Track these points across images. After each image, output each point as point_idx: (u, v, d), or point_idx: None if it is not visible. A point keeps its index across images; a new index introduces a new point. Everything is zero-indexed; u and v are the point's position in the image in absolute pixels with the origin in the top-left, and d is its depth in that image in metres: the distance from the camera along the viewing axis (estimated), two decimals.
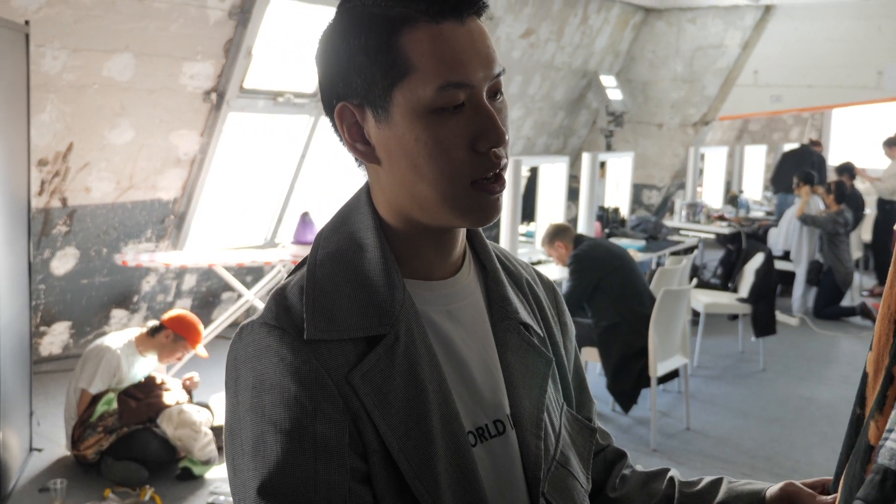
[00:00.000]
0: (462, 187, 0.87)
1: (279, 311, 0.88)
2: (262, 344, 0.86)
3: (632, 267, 4.48)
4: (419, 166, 0.87)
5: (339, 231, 0.94)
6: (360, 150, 0.91)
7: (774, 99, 9.83)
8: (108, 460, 3.68)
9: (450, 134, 0.86)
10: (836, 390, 5.33)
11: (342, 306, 0.88)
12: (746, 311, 5.72)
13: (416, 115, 0.86)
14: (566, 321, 1.11)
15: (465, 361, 0.93)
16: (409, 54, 0.85)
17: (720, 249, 8.23)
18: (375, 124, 0.88)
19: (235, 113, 5.28)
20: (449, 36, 0.86)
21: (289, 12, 5.28)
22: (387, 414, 0.85)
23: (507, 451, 0.94)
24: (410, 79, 0.85)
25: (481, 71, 0.87)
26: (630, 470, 1.14)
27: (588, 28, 8.17)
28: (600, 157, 6.16)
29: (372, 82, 0.86)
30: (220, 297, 6.05)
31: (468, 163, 0.87)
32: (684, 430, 4.52)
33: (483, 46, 0.88)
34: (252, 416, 0.84)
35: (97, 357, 3.78)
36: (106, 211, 5.02)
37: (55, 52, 4.25)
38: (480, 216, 0.89)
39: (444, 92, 0.85)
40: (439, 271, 0.95)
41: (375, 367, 0.86)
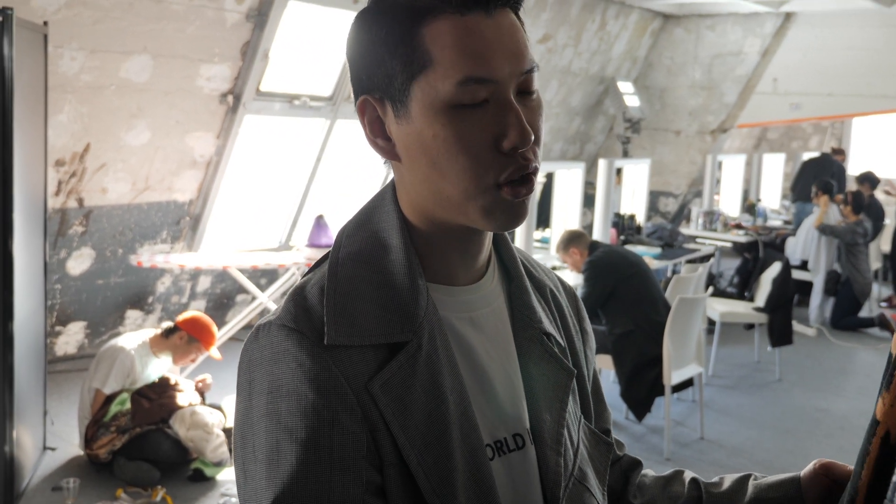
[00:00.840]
0: (486, 188, 0.83)
1: (298, 312, 0.84)
2: (280, 347, 0.82)
3: (647, 274, 4.45)
4: (440, 164, 0.83)
5: (363, 229, 0.90)
6: (381, 147, 0.88)
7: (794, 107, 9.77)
8: (121, 460, 3.69)
9: (472, 131, 0.82)
10: (852, 402, 5.26)
11: (364, 310, 0.84)
12: (763, 321, 5.67)
13: (434, 111, 0.82)
14: (587, 329, 1.07)
15: (486, 371, 0.90)
16: (429, 46, 0.82)
17: (737, 258, 8.18)
18: (395, 119, 0.85)
19: (251, 115, 5.30)
20: (473, 28, 0.82)
21: (305, 15, 5.29)
22: (406, 426, 0.82)
23: (526, 467, 0.90)
24: (430, 72, 0.82)
25: (507, 66, 0.82)
26: (645, 476, 1.12)
27: (606, 34, 8.15)
28: (617, 163, 6.13)
29: (392, 75, 0.83)
30: (235, 299, 6.06)
31: (493, 163, 0.83)
32: (698, 439, 4.48)
33: (511, 41, 0.83)
34: (267, 422, 0.81)
35: (111, 357, 3.79)
36: (122, 212, 5.04)
37: (73, 53, 4.27)
38: (504, 219, 0.85)
39: (465, 87, 0.81)
40: (463, 276, 0.92)
41: (396, 375, 0.83)
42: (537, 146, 0.86)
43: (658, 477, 1.11)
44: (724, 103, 8.95)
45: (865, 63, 8.91)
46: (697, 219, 7.70)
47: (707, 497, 1.05)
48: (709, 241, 7.32)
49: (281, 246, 6.10)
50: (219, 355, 4.12)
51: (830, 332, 6.95)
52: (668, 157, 9.39)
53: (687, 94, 9.10)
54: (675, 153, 9.36)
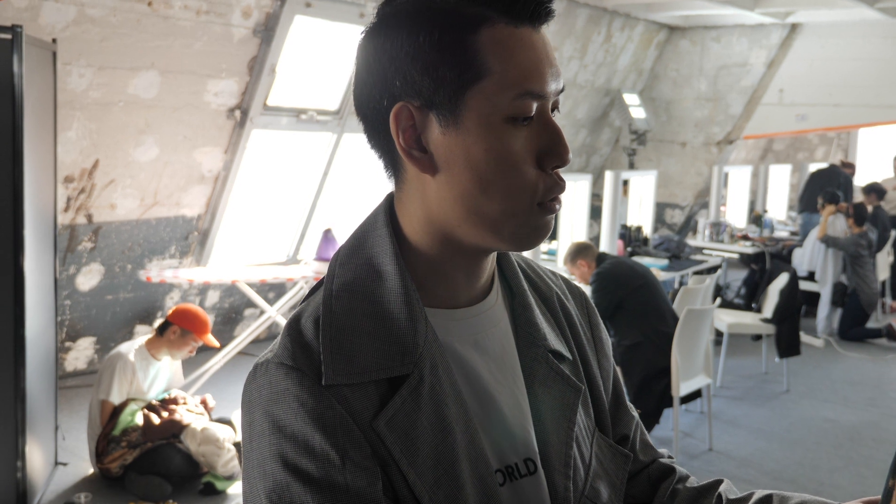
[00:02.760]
0: (529, 206, 0.82)
1: (295, 349, 0.81)
2: (280, 387, 0.79)
3: (655, 286, 4.44)
4: (486, 180, 0.80)
5: (356, 256, 0.86)
6: (416, 158, 0.82)
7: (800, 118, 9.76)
8: (132, 475, 3.70)
9: (519, 148, 0.80)
10: (860, 413, 5.24)
11: (361, 345, 0.81)
12: (770, 332, 5.66)
13: (488, 123, 0.79)
14: (600, 335, 1.03)
15: (492, 397, 0.87)
16: (487, 56, 0.79)
17: (744, 269, 8.16)
18: (441, 129, 0.80)
19: (259, 130, 5.33)
20: (527, 42, 0.80)
21: (312, 30, 5.33)
22: (415, 462, 0.79)
23: (538, 492, 0.88)
24: (486, 82, 0.79)
25: (553, 83, 0.82)
26: (682, 484, 1.05)
27: (611, 46, 8.18)
28: (623, 175, 6.14)
29: (442, 83, 0.79)
30: (243, 313, 6.08)
31: (536, 182, 0.81)
32: (707, 450, 4.46)
33: (553, 57, 0.83)
34: (273, 465, 0.78)
35: (111, 366, 3.84)
36: (130, 227, 5.07)
37: (81, 69, 4.31)
38: (533, 239, 0.84)
39: (521, 101, 0.79)
40: (465, 297, 0.88)
41: (400, 411, 0.80)
42: None
43: (692, 488, 1.04)
44: (729, 115, 8.96)
45: (872, 74, 8.90)
46: (704, 230, 7.69)
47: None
48: (716, 253, 7.31)
49: (289, 260, 6.12)
50: (216, 342, 4.14)
51: (838, 342, 6.92)
52: (675, 168, 9.39)
53: (693, 106, 9.11)
54: (682, 165, 9.36)
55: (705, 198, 9.26)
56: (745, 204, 8.64)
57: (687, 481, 1.06)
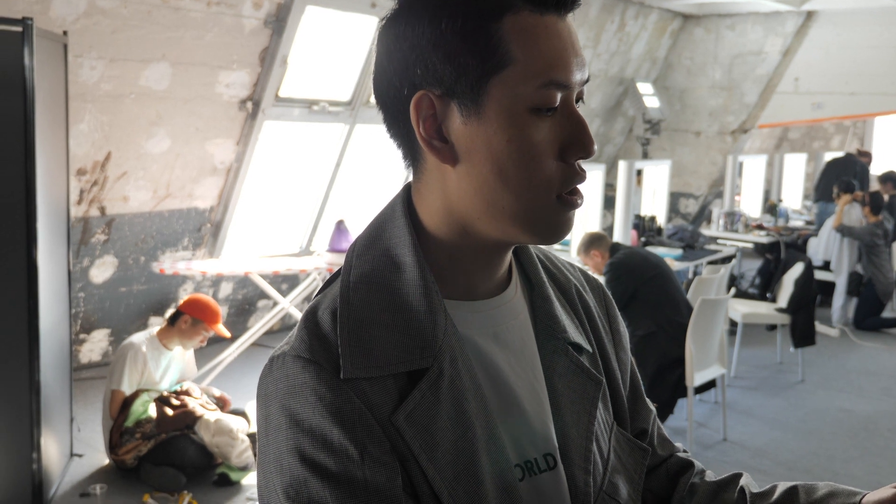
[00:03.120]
0: (549, 200, 0.80)
1: (312, 341, 0.79)
2: (297, 380, 0.77)
3: (669, 276, 4.42)
4: (506, 172, 0.78)
5: (374, 247, 0.85)
6: (437, 148, 0.80)
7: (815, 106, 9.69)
8: (147, 466, 3.72)
9: (541, 139, 0.79)
10: (876, 403, 5.20)
11: (380, 338, 0.80)
12: (785, 322, 5.62)
13: (511, 113, 0.78)
14: (619, 328, 1.02)
15: (513, 390, 0.86)
16: (510, 44, 0.77)
17: (758, 259, 8.11)
18: (462, 119, 0.79)
19: (271, 121, 5.32)
20: (552, 30, 0.78)
21: (324, 20, 5.31)
22: (434, 457, 0.78)
23: (557, 487, 0.86)
24: (509, 71, 0.77)
25: (578, 73, 0.80)
26: (700, 478, 1.03)
27: (625, 35, 8.12)
28: (637, 164, 6.10)
29: (464, 72, 0.77)
30: (256, 304, 6.09)
31: (557, 174, 0.80)
32: (721, 440, 4.44)
33: (579, 47, 0.80)
34: (290, 459, 0.76)
35: (122, 356, 3.86)
36: (143, 220, 5.08)
37: (93, 62, 4.32)
38: (556, 232, 0.82)
39: (545, 91, 0.78)
40: (484, 289, 0.87)
41: (420, 405, 0.78)
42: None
43: (711, 482, 1.03)
44: (744, 103, 8.88)
45: (888, 61, 8.81)
46: (718, 220, 7.65)
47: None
48: (730, 243, 7.26)
49: (302, 251, 6.12)
50: (227, 333, 4.16)
51: (854, 332, 6.87)
52: (689, 158, 9.33)
53: (707, 95, 9.04)
54: (696, 154, 9.30)
55: (720, 187, 9.19)
56: (759, 193, 8.58)
57: (705, 475, 1.04)
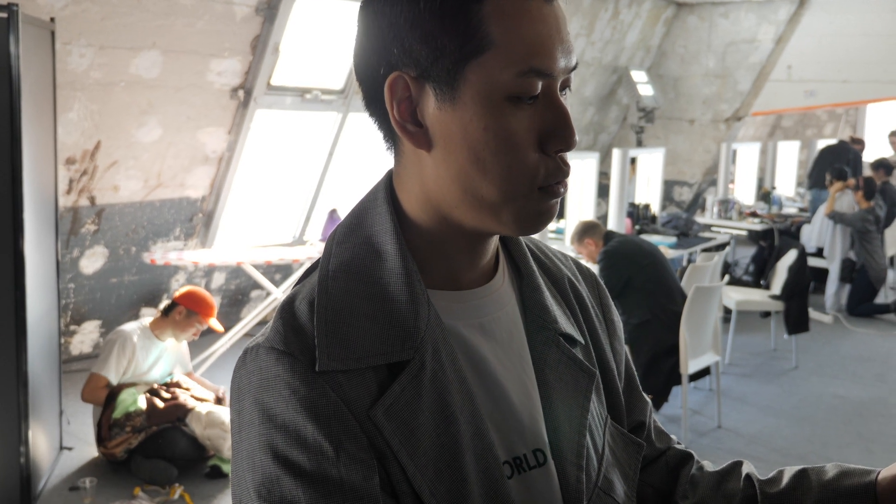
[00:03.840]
0: (528, 191, 0.76)
1: (288, 332, 0.76)
2: (270, 373, 0.74)
3: (663, 264, 4.41)
4: (483, 160, 0.75)
5: (354, 234, 0.82)
6: (410, 132, 0.77)
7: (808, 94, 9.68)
8: (138, 459, 3.70)
9: (521, 128, 0.75)
10: (869, 389, 5.21)
11: (359, 329, 0.76)
12: (779, 309, 5.62)
13: (487, 100, 0.74)
14: (612, 318, 0.99)
15: (500, 383, 0.82)
16: (490, 27, 0.73)
17: (752, 246, 8.11)
18: (437, 103, 0.76)
19: (263, 110, 5.28)
20: (536, 15, 0.74)
21: (316, 8, 5.27)
22: (414, 453, 0.75)
23: (548, 484, 0.83)
24: (488, 56, 0.74)
25: (563, 60, 0.76)
26: (699, 470, 1.01)
27: (619, 23, 8.08)
28: (631, 153, 6.09)
29: (441, 54, 0.74)
30: (249, 295, 6.06)
31: (537, 165, 0.76)
32: (716, 428, 4.44)
33: (566, 33, 0.77)
34: (262, 456, 0.73)
35: (112, 342, 3.84)
36: (134, 209, 5.04)
37: (82, 49, 4.27)
38: (536, 223, 0.79)
39: (525, 79, 0.74)
40: (469, 278, 0.84)
41: (400, 399, 0.75)
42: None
43: (713, 473, 1.00)
44: (738, 91, 8.87)
45: (881, 49, 8.81)
46: (712, 207, 7.64)
47: (762, 498, 0.95)
48: (724, 230, 7.26)
49: (295, 241, 6.09)
50: (220, 327, 4.15)
51: (847, 318, 6.89)
52: (683, 146, 9.32)
53: (701, 83, 9.02)
54: (690, 142, 9.29)
55: (713, 175, 9.19)
56: (753, 181, 8.59)
57: (704, 467, 1.02)
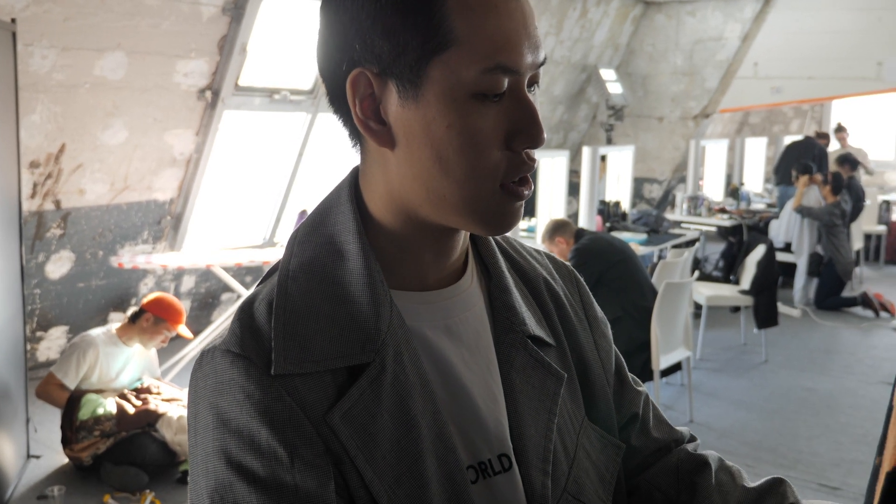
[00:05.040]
0: (491, 190, 0.75)
1: (244, 335, 0.74)
2: (225, 376, 0.73)
3: (633, 260, 4.43)
4: (446, 159, 0.73)
5: (316, 234, 0.80)
6: (373, 130, 0.76)
7: (774, 91, 9.80)
8: (107, 465, 3.64)
9: (486, 126, 0.73)
10: (837, 380, 5.28)
11: (318, 330, 0.74)
12: (748, 304, 5.68)
13: (451, 98, 0.72)
14: (595, 314, 0.97)
15: (465, 387, 0.80)
16: (454, 23, 0.71)
17: (721, 242, 8.19)
18: (399, 101, 0.74)
19: (231, 111, 5.24)
20: (502, 9, 0.72)
21: (283, 8, 5.23)
22: (372, 459, 0.73)
23: (513, 490, 0.81)
24: (452, 53, 0.72)
25: (530, 56, 0.74)
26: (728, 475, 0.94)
27: (587, 21, 8.12)
28: (601, 151, 6.12)
29: (403, 50, 0.72)
30: (220, 297, 6.01)
31: (501, 163, 0.74)
32: (688, 422, 4.47)
33: (533, 28, 0.75)
34: (216, 461, 0.72)
35: (75, 346, 3.80)
36: (101, 213, 4.97)
37: (44, 51, 4.20)
38: (502, 223, 0.77)
39: (490, 76, 0.72)
40: (435, 278, 0.82)
41: (358, 403, 0.73)
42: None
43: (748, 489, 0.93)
44: (705, 89, 8.95)
45: (845, 46, 8.94)
46: (682, 204, 7.71)
47: None
48: (694, 226, 7.33)
49: (265, 242, 6.05)
50: (189, 333, 4.10)
51: (815, 312, 6.98)
52: (652, 143, 9.39)
53: (669, 81, 9.09)
54: (659, 139, 9.36)
55: (683, 172, 9.27)
56: (721, 177, 8.67)
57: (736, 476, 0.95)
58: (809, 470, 3.95)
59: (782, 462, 4.03)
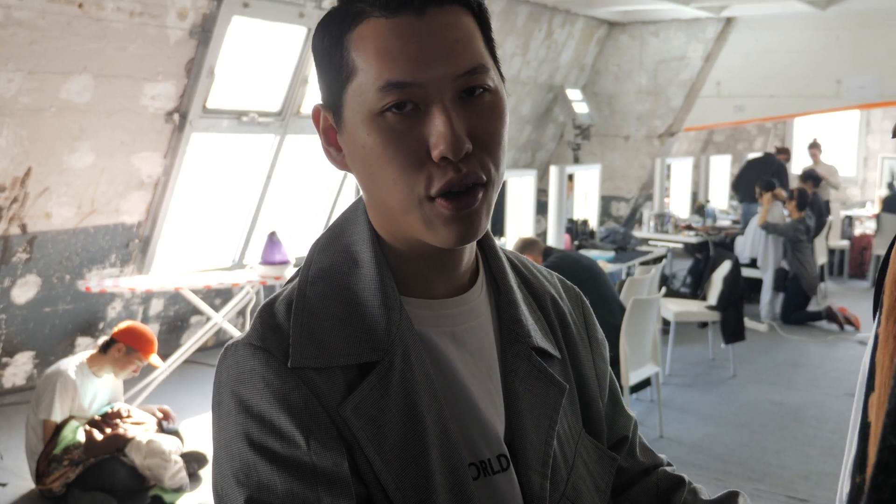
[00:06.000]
0: (419, 200, 0.79)
1: (265, 330, 0.81)
2: (246, 366, 0.79)
3: (602, 278, 4.48)
4: (374, 174, 0.80)
5: (334, 244, 0.87)
6: (334, 157, 0.86)
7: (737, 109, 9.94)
8: (75, 492, 3.58)
9: (402, 139, 0.77)
10: (804, 394, 5.36)
11: (332, 330, 0.81)
12: (716, 319, 5.76)
13: (362, 119, 0.79)
14: (596, 336, 1.02)
15: (467, 389, 0.86)
16: (353, 54, 0.79)
17: (688, 258, 8.29)
18: (336, 129, 0.84)
19: (199, 133, 5.23)
20: (397, 31, 0.77)
21: (250, 30, 5.25)
22: (381, 448, 0.79)
23: (511, 490, 0.86)
24: (356, 80, 0.79)
25: (438, 67, 0.77)
26: (693, 495, 1.01)
27: (553, 42, 8.23)
28: (568, 169, 6.18)
29: (329, 86, 0.83)
30: (189, 320, 5.96)
31: (424, 173, 0.78)
32: (658, 438, 4.52)
33: (446, 40, 0.77)
34: (239, 444, 0.78)
35: (51, 384, 3.68)
36: (67, 237, 4.93)
37: (10, 74, 4.18)
38: (447, 233, 0.80)
39: (385, 92, 0.77)
40: (443, 289, 0.87)
41: (368, 397, 0.79)
42: (488, 154, 0.79)
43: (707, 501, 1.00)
44: (670, 108, 9.09)
45: (804, 65, 9.12)
46: (649, 221, 7.80)
47: None
48: (661, 243, 7.41)
49: (234, 265, 6.02)
50: (160, 362, 4.05)
51: (781, 326, 7.08)
52: (619, 162, 9.50)
53: (634, 100, 9.22)
54: (625, 158, 9.48)
55: (649, 190, 9.38)
56: (687, 195, 8.79)
57: (698, 494, 1.02)
58: (778, 483, 4.00)
59: (751, 475, 4.08)
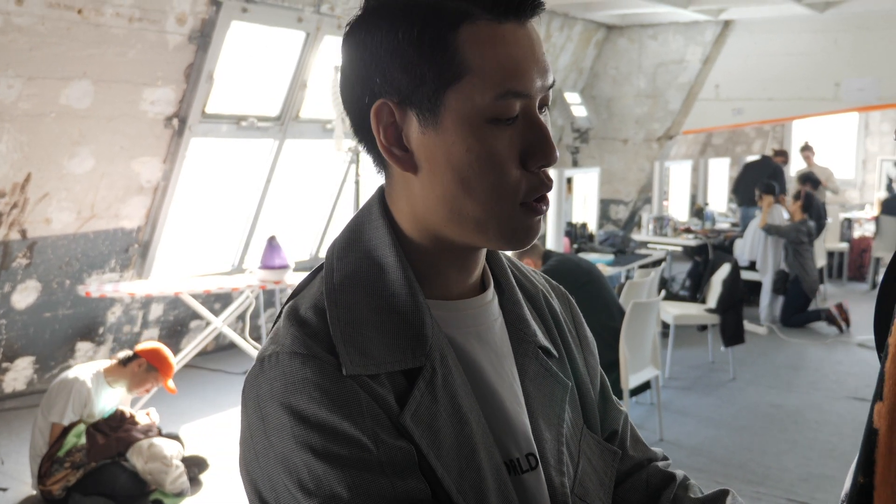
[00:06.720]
0: (512, 208, 0.80)
1: (306, 338, 0.78)
2: (297, 376, 0.76)
3: (601, 281, 4.48)
4: (468, 181, 0.79)
5: (354, 249, 0.85)
6: (397, 156, 0.81)
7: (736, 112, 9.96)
8: (76, 496, 3.59)
9: (502, 148, 0.79)
10: (804, 396, 5.37)
11: (372, 339, 0.80)
12: (715, 322, 5.76)
13: (468, 124, 0.78)
14: (585, 333, 1.03)
15: (495, 390, 0.86)
16: (466, 54, 0.77)
17: (687, 262, 8.30)
18: (420, 128, 0.80)
19: (198, 138, 5.23)
20: (510, 39, 0.78)
21: (249, 35, 5.26)
22: (440, 454, 0.79)
23: (539, 488, 0.87)
24: (466, 82, 0.77)
25: (539, 80, 0.79)
26: (683, 491, 1.01)
27: (551, 46, 8.24)
28: (567, 173, 6.20)
29: (421, 81, 0.78)
30: (189, 325, 5.96)
31: (520, 182, 0.80)
32: (658, 441, 4.52)
33: (541, 53, 0.80)
34: (303, 456, 0.75)
35: (66, 389, 3.69)
36: (67, 242, 4.93)
37: (10, 80, 4.18)
38: (522, 238, 0.82)
39: (503, 101, 0.78)
40: (460, 290, 0.88)
41: (421, 404, 0.79)
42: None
43: (697, 499, 1.00)
44: (668, 111, 9.10)
45: (802, 67, 9.13)
46: (648, 225, 7.81)
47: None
48: (660, 246, 7.42)
49: (234, 269, 6.02)
50: (174, 387, 4.03)
51: (781, 329, 7.08)
52: (617, 165, 9.51)
53: (633, 103, 9.23)
54: (624, 161, 9.49)
55: (648, 193, 9.39)
56: (686, 198, 8.80)
57: (689, 489, 1.01)
58: (778, 485, 4.00)
59: (751, 478, 4.08)
